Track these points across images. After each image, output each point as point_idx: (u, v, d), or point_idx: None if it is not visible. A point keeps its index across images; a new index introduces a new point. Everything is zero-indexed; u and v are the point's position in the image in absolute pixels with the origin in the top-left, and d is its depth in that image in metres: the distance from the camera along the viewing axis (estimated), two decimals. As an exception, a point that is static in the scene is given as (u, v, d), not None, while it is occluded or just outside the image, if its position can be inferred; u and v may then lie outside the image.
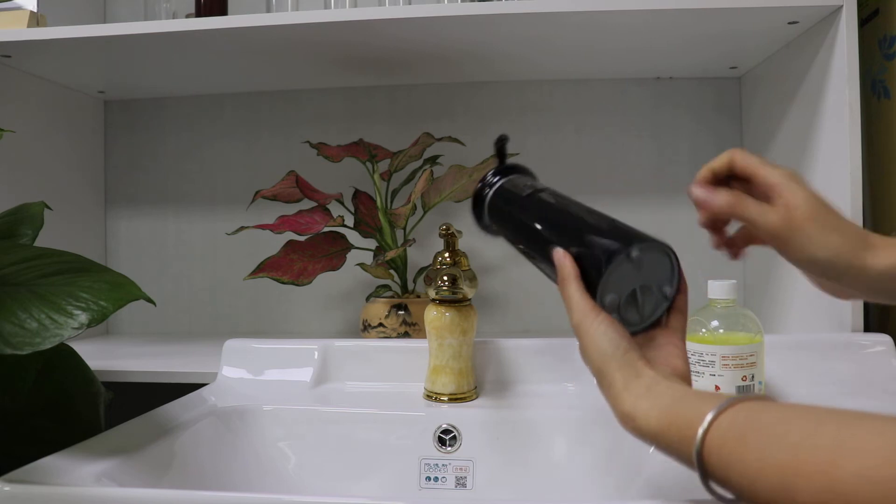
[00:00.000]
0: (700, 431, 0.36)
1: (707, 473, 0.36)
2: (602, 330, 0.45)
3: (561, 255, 0.48)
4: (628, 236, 0.46)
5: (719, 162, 0.51)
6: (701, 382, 0.64)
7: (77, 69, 1.04)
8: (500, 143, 0.65)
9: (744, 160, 0.49)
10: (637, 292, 0.47)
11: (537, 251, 0.53)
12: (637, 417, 0.41)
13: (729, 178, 0.51)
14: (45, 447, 0.54)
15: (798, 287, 0.92)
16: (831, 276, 0.49)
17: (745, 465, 0.33)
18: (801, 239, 0.47)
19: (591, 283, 0.46)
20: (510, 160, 0.64)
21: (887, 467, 0.28)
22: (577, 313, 0.46)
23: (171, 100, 1.22)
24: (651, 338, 0.48)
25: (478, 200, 0.63)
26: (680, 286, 0.49)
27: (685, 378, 0.45)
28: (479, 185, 0.63)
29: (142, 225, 1.23)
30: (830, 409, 0.33)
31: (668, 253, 0.47)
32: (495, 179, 0.62)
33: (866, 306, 0.82)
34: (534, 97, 1.16)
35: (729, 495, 0.36)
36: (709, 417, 0.36)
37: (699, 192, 0.51)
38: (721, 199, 0.49)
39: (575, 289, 0.46)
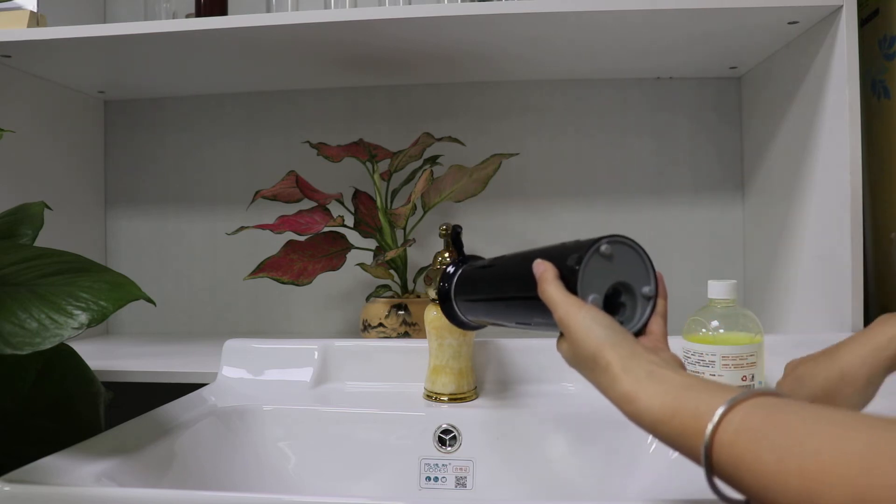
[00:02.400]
0: (710, 426, 0.34)
1: (713, 470, 0.34)
2: (591, 316, 0.44)
3: (539, 262, 0.48)
4: (593, 239, 0.47)
5: None
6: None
7: (77, 69, 1.04)
8: (456, 234, 0.66)
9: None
10: (620, 295, 0.48)
11: (518, 295, 0.53)
12: (638, 400, 0.39)
13: None
14: (45, 447, 0.54)
15: (798, 287, 0.92)
16: None
17: (761, 465, 0.31)
18: None
19: (571, 287, 0.46)
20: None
21: None
22: (561, 307, 0.45)
23: (171, 100, 1.22)
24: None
25: (444, 298, 0.64)
26: (658, 289, 0.49)
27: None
28: (440, 285, 0.65)
29: (142, 225, 1.23)
30: (856, 414, 0.31)
31: (635, 248, 0.48)
32: (451, 270, 0.64)
33: (866, 306, 0.82)
34: (534, 97, 1.16)
35: (735, 494, 0.35)
36: (720, 411, 0.34)
37: None
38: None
39: (556, 287, 0.46)
